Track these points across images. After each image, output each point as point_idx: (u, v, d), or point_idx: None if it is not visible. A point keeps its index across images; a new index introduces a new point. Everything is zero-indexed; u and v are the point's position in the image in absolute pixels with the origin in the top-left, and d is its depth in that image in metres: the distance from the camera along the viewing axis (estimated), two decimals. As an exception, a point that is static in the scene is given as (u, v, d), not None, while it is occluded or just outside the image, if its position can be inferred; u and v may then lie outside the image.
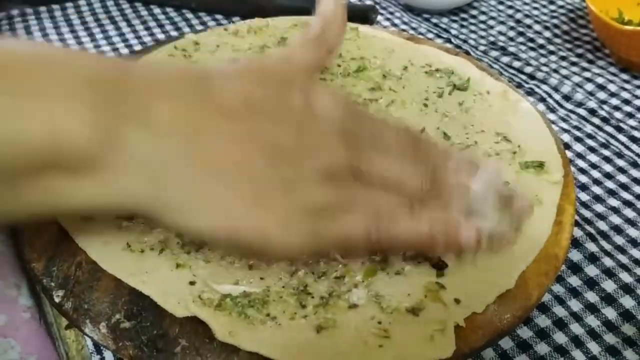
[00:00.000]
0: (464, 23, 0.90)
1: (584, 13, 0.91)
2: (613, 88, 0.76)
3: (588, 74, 0.78)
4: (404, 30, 0.86)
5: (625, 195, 0.63)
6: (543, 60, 0.82)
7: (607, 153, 0.67)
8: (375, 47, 0.70)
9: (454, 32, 0.88)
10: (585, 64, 0.81)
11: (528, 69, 0.79)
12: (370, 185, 0.40)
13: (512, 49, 0.84)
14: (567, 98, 0.75)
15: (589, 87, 0.76)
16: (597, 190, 0.64)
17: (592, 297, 0.53)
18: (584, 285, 0.54)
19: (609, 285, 0.54)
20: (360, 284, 0.45)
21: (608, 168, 0.66)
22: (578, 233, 0.58)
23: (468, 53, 0.80)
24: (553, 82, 0.77)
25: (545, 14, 0.92)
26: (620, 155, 0.67)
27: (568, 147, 0.68)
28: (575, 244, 0.57)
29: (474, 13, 0.92)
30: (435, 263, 0.46)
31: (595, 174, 0.65)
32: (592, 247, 0.57)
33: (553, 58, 0.82)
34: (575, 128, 0.70)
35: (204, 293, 0.44)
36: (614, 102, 0.74)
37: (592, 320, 0.52)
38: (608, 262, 0.55)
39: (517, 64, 0.80)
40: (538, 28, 0.88)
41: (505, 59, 0.81)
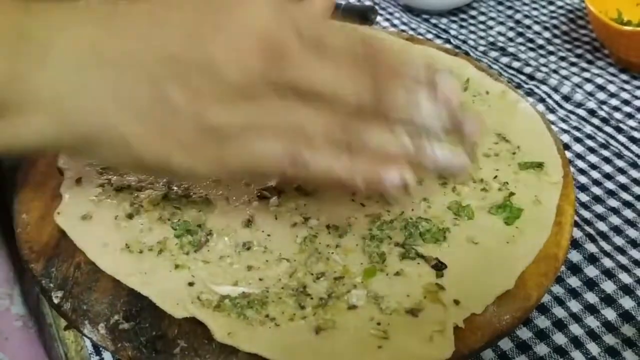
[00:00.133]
0: (464, 23, 0.90)
1: (583, 13, 0.91)
2: (612, 88, 0.76)
3: (587, 75, 0.78)
4: (404, 31, 0.86)
5: (625, 196, 0.63)
6: (542, 61, 0.82)
7: (606, 154, 0.67)
8: (375, 47, 0.70)
9: (454, 32, 0.88)
10: (585, 65, 0.81)
11: (527, 70, 0.79)
12: (298, 103, 0.35)
13: (511, 50, 0.84)
14: (566, 98, 0.75)
15: (589, 87, 0.76)
16: (596, 191, 0.64)
17: (591, 298, 0.53)
18: (584, 286, 0.54)
19: (609, 286, 0.54)
20: (360, 285, 0.45)
21: (607, 169, 0.66)
22: (577, 234, 0.58)
23: (467, 53, 0.80)
24: (552, 82, 0.77)
25: (545, 15, 0.92)
26: (620, 156, 0.67)
27: (567, 147, 0.68)
28: (575, 245, 0.57)
29: (473, 13, 0.92)
30: (435, 264, 0.46)
31: (595, 175, 0.65)
32: (591, 247, 0.57)
33: (552, 58, 0.82)
34: (575, 129, 0.70)
35: (203, 294, 0.44)
36: (614, 102, 0.74)
37: (591, 321, 0.52)
38: (608, 262, 0.55)
39: (516, 65, 0.80)
40: (537, 28, 0.88)
41: (505, 60, 0.81)
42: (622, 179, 0.65)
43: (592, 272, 0.55)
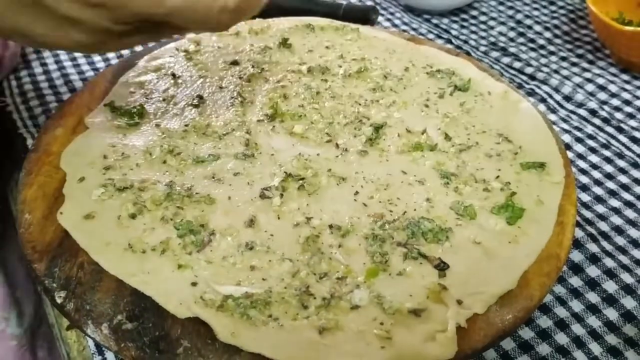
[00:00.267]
0: (465, 24, 0.90)
1: (585, 14, 0.91)
2: (613, 89, 0.76)
3: (588, 75, 0.78)
4: (405, 31, 0.86)
5: (626, 196, 0.63)
6: (543, 61, 0.82)
7: (607, 154, 0.67)
8: (376, 47, 0.70)
9: (455, 32, 0.88)
10: (586, 65, 0.81)
11: (529, 70, 0.79)
12: None
13: (512, 50, 0.84)
14: (567, 99, 0.75)
15: (590, 87, 0.76)
16: (598, 191, 0.64)
17: (593, 297, 0.53)
18: (585, 286, 0.54)
19: (610, 286, 0.54)
20: (362, 285, 0.45)
21: (609, 169, 0.66)
22: (579, 234, 0.58)
23: (469, 54, 0.80)
24: (554, 82, 0.77)
25: (546, 15, 0.92)
26: (621, 156, 0.67)
27: (569, 147, 0.68)
28: (577, 245, 0.57)
29: (475, 14, 0.92)
30: (437, 264, 0.47)
31: (596, 175, 0.65)
32: (593, 247, 0.57)
33: (553, 59, 0.82)
34: (576, 129, 0.70)
35: (206, 294, 0.44)
36: (615, 102, 0.74)
37: (593, 321, 0.52)
38: (609, 262, 0.55)
39: (517, 65, 0.80)
40: (538, 29, 0.88)
41: (506, 60, 0.81)
42: (623, 179, 0.65)
43: (593, 272, 0.55)
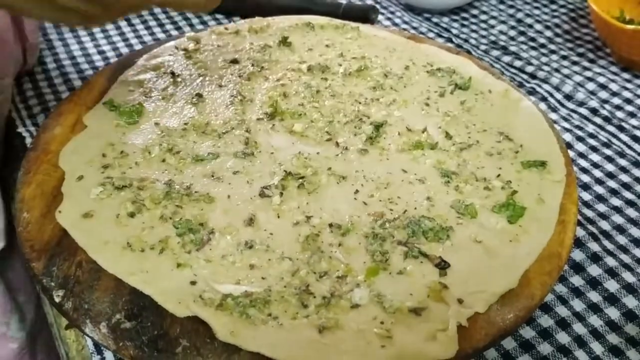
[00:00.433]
0: (465, 22, 0.90)
1: (585, 12, 0.90)
2: (614, 87, 0.76)
3: (589, 73, 0.78)
4: (405, 30, 0.85)
5: (628, 195, 0.63)
6: (544, 60, 0.81)
7: (609, 152, 0.67)
8: (376, 46, 0.70)
9: (455, 31, 0.87)
10: (587, 63, 0.80)
11: (529, 69, 0.79)
12: None
13: (513, 49, 0.83)
14: (568, 97, 0.75)
15: (591, 86, 0.76)
16: (599, 190, 0.63)
17: (594, 296, 0.53)
18: (587, 285, 0.54)
19: (612, 285, 0.54)
20: (362, 284, 0.45)
21: (610, 167, 0.66)
22: (580, 232, 0.57)
23: (469, 53, 0.79)
24: (554, 81, 0.77)
25: (546, 14, 0.91)
26: (622, 155, 0.67)
27: (570, 146, 0.68)
28: (578, 244, 0.57)
29: (475, 12, 0.92)
30: (438, 263, 0.46)
31: (597, 174, 0.65)
32: (594, 246, 0.56)
33: (554, 57, 0.82)
34: (577, 127, 0.70)
35: (205, 293, 0.44)
36: (616, 101, 0.74)
37: (595, 320, 0.51)
38: (611, 261, 0.55)
39: (518, 64, 0.80)
40: (539, 27, 0.88)
41: (507, 59, 0.81)
42: (624, 178, 0.65)
43: (595, 271, 0.55)
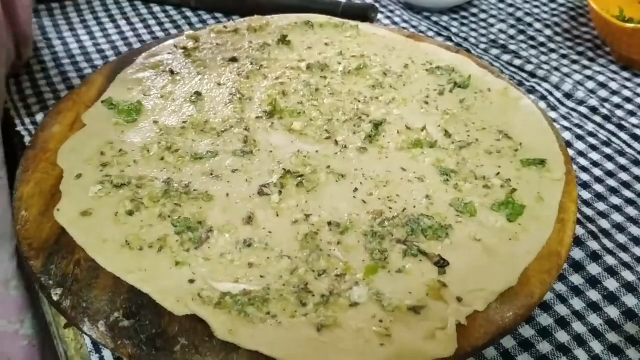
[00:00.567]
0: (465, 21, 0.90)
1: (585, 11, 0.90)
2: (614, 86, 0.76)
3: (589, 72, 0.78)
4: (404, 29, 0.85)
5: (627, 194, 0.63)
6: (544, 59, 0.81)
7: (608, 151, 0.67)
8: (376, 45, 0.70)
9: (455, 30, 0.87)
10: (586, 62, 0.80)
11: (529, 67, 0.79)
12: None
13: (512, 47, 0.83)
14: (568, 96, 0.75)
15: (590, 85, 0.76)
16: (598, 189, 0.63)
17: (594, 295, 0.53)
18: (586, 284, 0.54)
19: (612, 284, 0.54)
20: (361, 282, 0.45)
21: (610, 166, 0.66)
22: (580, 231, 0.57)
23: (469, 51, 0.79)
24: (554, 80, 0.77)
25: (546, 12, 0.91)
26: (622, 154, 0.67)
27: (569, 145, 0.68)
28: (577, 242, 0.56)
29: (475, 11, 0.92)
30: (437, 261, 0.46)
31: (597, 172, 0.65)
32: (594, 245, 0.56)
33: (554, 56, 0.82)
34: (577, 126, 0.70)
35: (204, 291, 0.44)
36: (615, 100, 0.74)
37: (594, 319, 0.51)
38: (610, 260, 0.55)
39: (517, 62, 0.80)
40: (539, 26, 0.88)
41: (506, 57, 0.81)
42: (624, 177, 0.64)
43: (594, 269, 0.55)
